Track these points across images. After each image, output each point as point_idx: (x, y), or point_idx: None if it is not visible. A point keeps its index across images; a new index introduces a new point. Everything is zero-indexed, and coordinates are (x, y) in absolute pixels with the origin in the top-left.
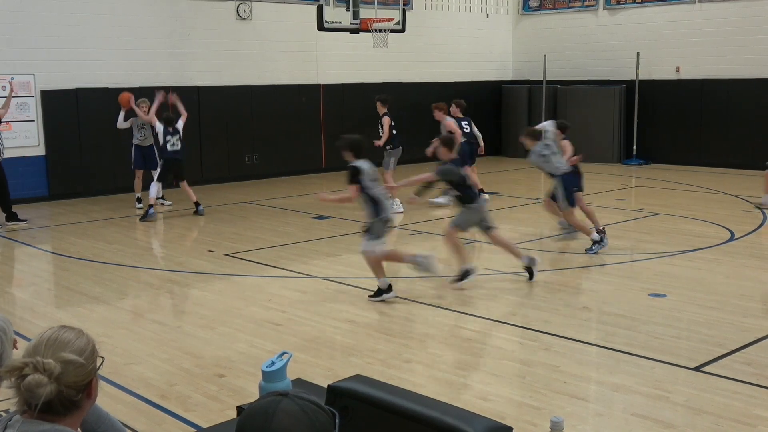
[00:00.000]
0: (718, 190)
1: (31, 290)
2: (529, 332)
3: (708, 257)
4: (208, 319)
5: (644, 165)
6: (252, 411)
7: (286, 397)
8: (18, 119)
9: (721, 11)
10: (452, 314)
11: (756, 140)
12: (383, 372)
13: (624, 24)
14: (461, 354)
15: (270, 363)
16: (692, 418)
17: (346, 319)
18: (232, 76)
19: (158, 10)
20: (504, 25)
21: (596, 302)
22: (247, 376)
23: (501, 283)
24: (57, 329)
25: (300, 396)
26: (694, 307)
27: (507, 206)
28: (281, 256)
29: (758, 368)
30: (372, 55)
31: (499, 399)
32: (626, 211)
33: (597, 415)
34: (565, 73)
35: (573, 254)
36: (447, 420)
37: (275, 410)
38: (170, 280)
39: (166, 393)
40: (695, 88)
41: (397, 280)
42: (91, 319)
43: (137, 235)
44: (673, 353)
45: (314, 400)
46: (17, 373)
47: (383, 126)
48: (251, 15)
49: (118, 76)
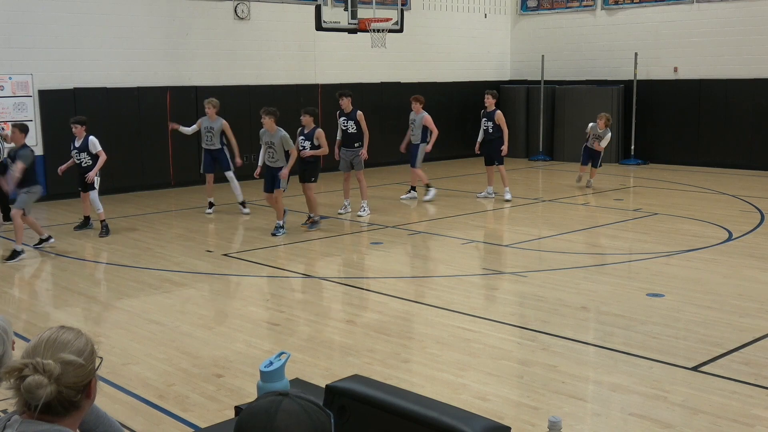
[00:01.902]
0: (716, 190)
1: (30, 290)
2: (527, 332)
3: (706, 257)
4: (206, 319)
5: (642, 165)
6: (253, 411)
7: (286, 396)
8: (16, 119)
9: (719, 11)
10: (450, 314)
11: (754, 140)
12: (381, 372)
13: (622, 24)
14: (459, 354)
15: (268, 363)
16: (690, 418)
17: (344, 319)
18: (230, 76)
19: (156, 10)
20: (502, 25)
21: (594, 302)
22: (245, 377)
23: (499, 283)
24: (56, 330)
25: (300, 396)
26: (692, 307)
27: (507, 206)
28: (279, 256)
29: (756, 368)
30: (370, 55)
31: (497, 399)
32: (624, 211)
33: (595, 414)
34: (563, 73)
35: (571, 254)
36: (445, 420)
37: (277, 410)
38: (168, 280)
39: (164, 393)
40: (693, 88)
41: (397, 279)
42: (89, 319)
43: (135, 235)
44: (671, 353)
45: (313, 400)
46: (17, 374)
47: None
48: (249, 15)
49: (116, 76)
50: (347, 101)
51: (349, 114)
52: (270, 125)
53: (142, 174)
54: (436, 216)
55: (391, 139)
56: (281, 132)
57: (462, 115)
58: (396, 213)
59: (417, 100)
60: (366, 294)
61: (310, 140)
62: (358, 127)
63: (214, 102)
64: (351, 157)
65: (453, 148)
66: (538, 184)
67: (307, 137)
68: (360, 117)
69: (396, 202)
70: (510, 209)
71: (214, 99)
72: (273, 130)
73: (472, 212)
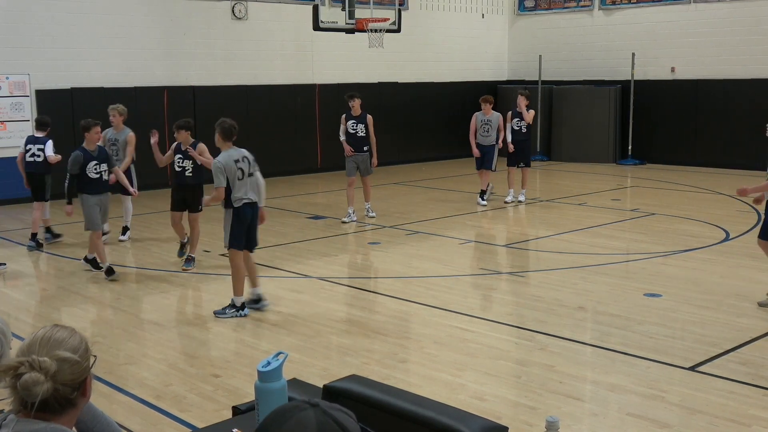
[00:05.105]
0: (713, 190)
1: (27, 290)
2: (525, 332)
3: (703, 257)
4: (204, 319)
5: (639, 165)
6: (276, 410)
7: (314, 407)
8: (13, 119)
9: (716, 11)
10: (448, 314)
11: (751, 140)
12: (379, 372)
13: (619, 24)
14: (457, 354)
15: (266, 363)
16: (687, 417)
17: (342, 319)
18: (227, 76)
19: (153, 9)
20: (499, 25)
21: (592, 302)
22: (243, 377)
23: (497, 283)
24: (50, 328)
25: (326, 412)
26: (690, 307)
27: (506, 206)
28: (277, 256)
29: (753, 368)
30: (368, 55)
31: (495, 399)
32: (622, 211)
33: (592, 414)
34: (561, 73)
35: (569, 254)
36: (443, 420)
37: (292, 415)
38: (166, 280)
39: (161, 393)
40: (690, 88)
41: (394, 280)
42: (86, 320)
43: (132, 234)
44: (669, 353)
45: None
46: (12, 373)
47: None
48: (247, 15)
49: (113, 76)
50: (357, 103)
51: (358, 117)
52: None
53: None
54: (433, 216)
55: (390, 139)
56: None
57: (459, 115)
58: (394, 213)
59: (489, 101)
60: (364, 294)
61: (190, 159)
62: (368, 130)
63: (120, 108)
64: (359, 161)
65: (450, 149)
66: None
67: (185, 156)
68: (370, 121)
69: (395, 202)
70: (509, 209)
71: (120, 105)
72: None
73: (470, 212)
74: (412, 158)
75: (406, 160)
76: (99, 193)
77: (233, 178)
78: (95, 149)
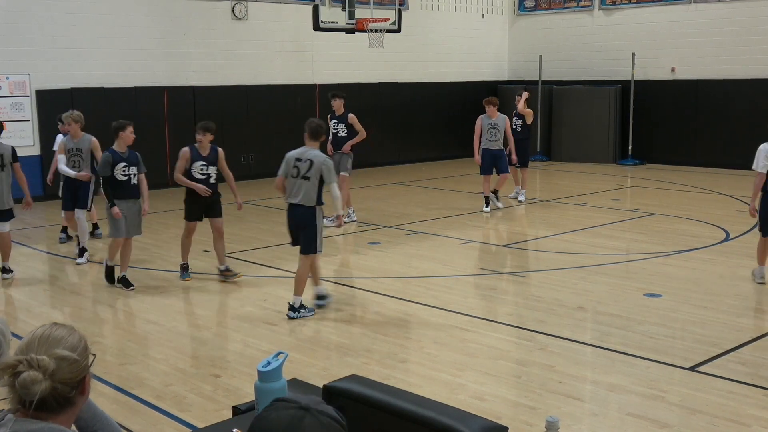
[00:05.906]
0: (713, 191)
1: (27, 290)
2: (525, 332)
3: (703, 257)
4: (204, 319)
5: (639, 165)
6: (272, 425)
7: (307, 411)
8: (13, 119)
9: (717, 12)
10: (448, 314)
11: (751, 140)
12: (379, 372)
13: (619, 24)
14: (457, 354)
15: (266, 363)
16: (687, 417)
17: (342, 318)
18: (227, 76)
19: (154, 9)
20: (500, 26)
21: (592, 302)
22: (243, 377)
23: (497, 283)
24: (48, 326)
25: (321, 411)
26: (689, 307)
27: (506, 207)
28: (277, 256)
29: (753, 368)
30: (368, 55)
31: (495, 399)
32: (622, 211)
33: (592, 414)
34: (561, 73)
35: (569, 254)
36: (443, 420)
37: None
38: (165, 279)
39: (161, 393)
40: (690, 88)
41: (394, 280)
42: (86, 319)
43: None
44: (668, 353)
45: (332, 413)
46: (10, 371)
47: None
48: (247, 15)
49: (114, 76)
50: (339, 103)
51: (340, 116)
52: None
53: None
54: (433, 216)
55: (390, 139)
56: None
57: (459, 116)
58: (393, 213)
59: (494, 103)
60: (364, 294)
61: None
62: (350, 130)
63: (75, 115)
64: (338, 159)
65: (450, 149)
66: (536, 185)
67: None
68: (352, 119)
69: (395, 202)
70: (508, 209)
71: (76, 112)
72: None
73: (470, 212)
74: (412, 158)
75: (406, 160)
76: (126, 198)
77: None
78: (125, 151)
